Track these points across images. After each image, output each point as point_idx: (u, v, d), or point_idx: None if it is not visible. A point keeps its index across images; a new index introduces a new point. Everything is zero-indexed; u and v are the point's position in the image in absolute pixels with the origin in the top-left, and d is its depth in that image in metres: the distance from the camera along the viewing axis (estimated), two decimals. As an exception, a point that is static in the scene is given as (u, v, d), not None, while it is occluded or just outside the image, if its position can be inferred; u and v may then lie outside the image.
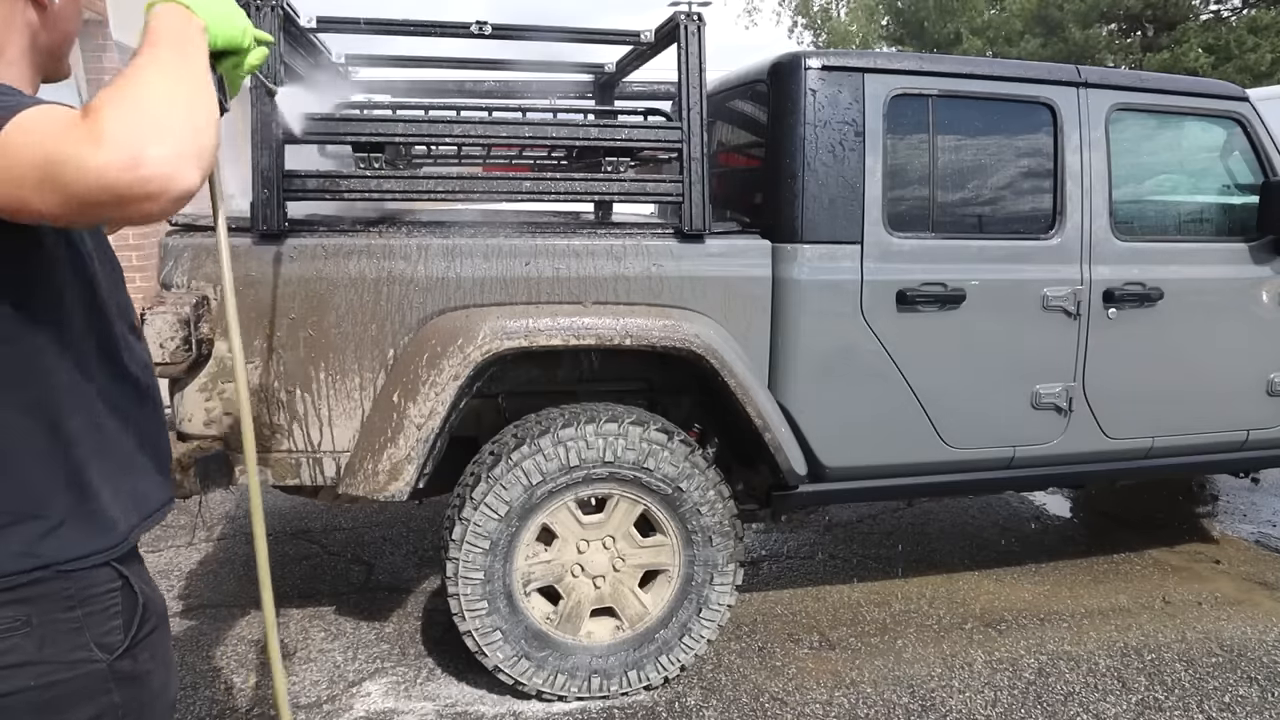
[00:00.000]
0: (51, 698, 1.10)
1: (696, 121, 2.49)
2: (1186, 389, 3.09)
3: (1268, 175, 3.12)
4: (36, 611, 1.08)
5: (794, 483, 2.74)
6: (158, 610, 1.23)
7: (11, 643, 1.06)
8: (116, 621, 1.14)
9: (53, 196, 0.88)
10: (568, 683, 2.58)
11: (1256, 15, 16.52)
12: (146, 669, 1.19)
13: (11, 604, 1.06)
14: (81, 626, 1.11)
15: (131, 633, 1.16)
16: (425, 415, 2.34)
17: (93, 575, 1.12)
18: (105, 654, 1.13)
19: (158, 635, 1.22)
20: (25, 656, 1.07)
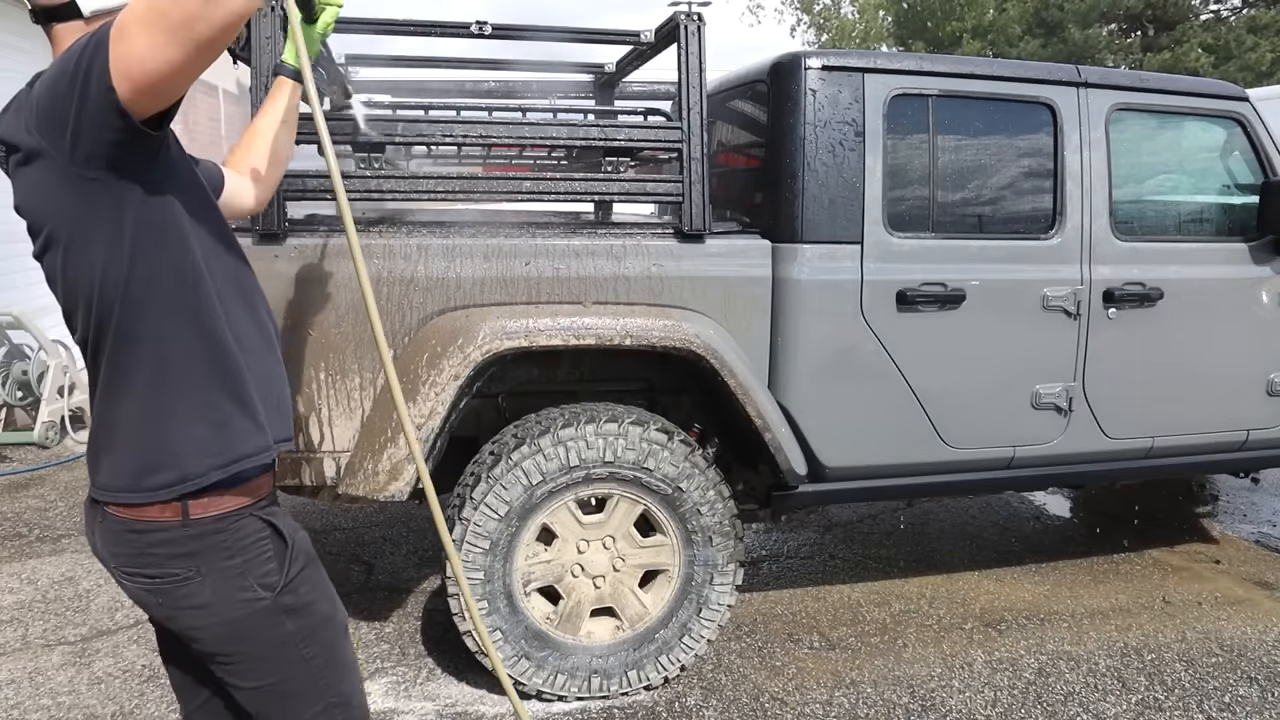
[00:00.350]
0: (232, 632, 1.34)
1: (696, 121, 2.49)
2: (1186, 389, 3.09)
3: (1268, 175, 3.12)
4: (203, 562, 1.30)
5: (794, 483, 2.74)
6: (305, 549, 1.44)
7: (190, 589, 1.30)
8: (271, 565, 1.36)
9: (173, 39, 1.07)
10: (568, 683, 2.58)
11: (1256, 15, 16.53)
12: (309, 599, 1.41)
13: (182, 557, 1.29)
14: (243, 571, 1.33)
15: (286, 570, 1.37)
16: (425, 415, 2.33)
17: (243, 526, 1.33)
18: (268, 591, 1.35)
19: (311, 570, 1.44)
20: (204, 599, 1.31)
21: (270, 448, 1.36)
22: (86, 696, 2.63)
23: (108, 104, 1.09)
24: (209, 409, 1.29)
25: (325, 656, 1.43)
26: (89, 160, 1.15)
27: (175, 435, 1.27)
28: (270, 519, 1.37)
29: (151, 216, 1.22)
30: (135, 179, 1.19)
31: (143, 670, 2.77)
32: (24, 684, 2.69)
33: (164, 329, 1.25)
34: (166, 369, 1.26)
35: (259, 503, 1.37)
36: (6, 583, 3.38)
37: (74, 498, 4.34)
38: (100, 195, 1.18)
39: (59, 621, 3.08)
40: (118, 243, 1.20)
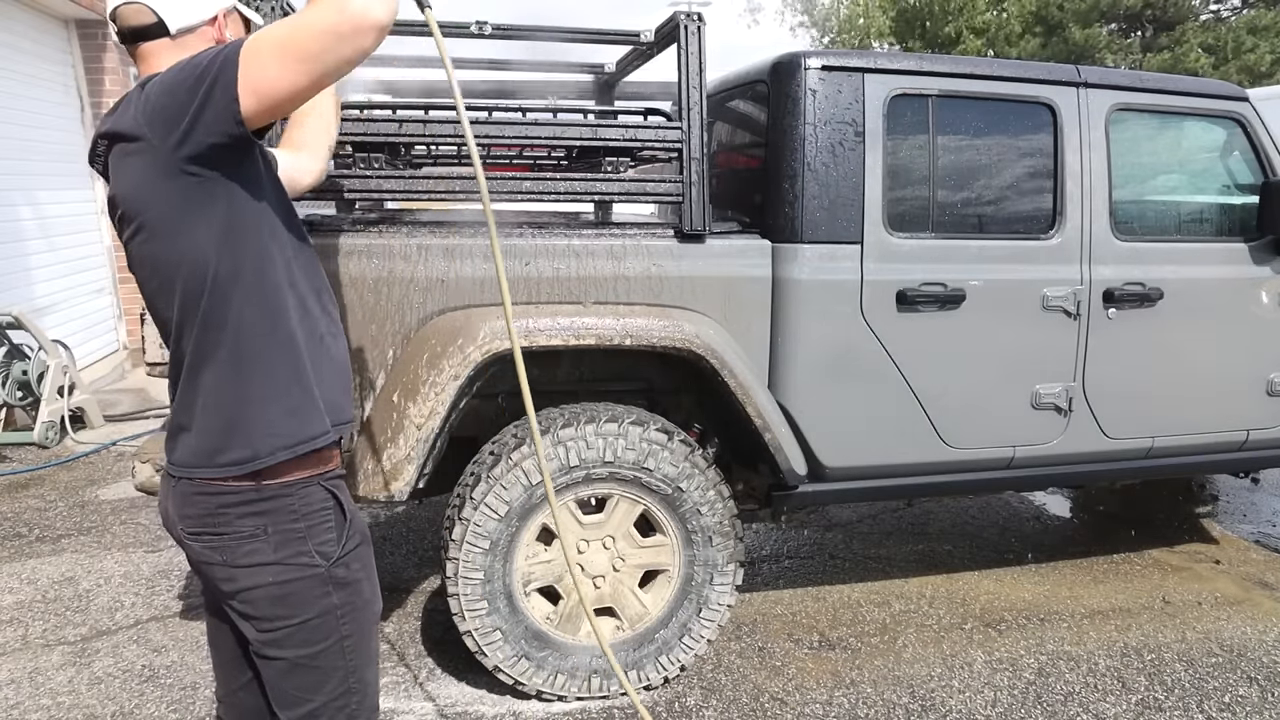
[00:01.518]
0: (284, 594, 1.41)
1: (696, 121, 2.49)
2: (1186, 389, 3.09)
3: (1268, 175, 3.12)
4: (271, 521, 1.39)
5: (794, 483, 2.74)
6: (361, 529, 1.51)
7: (255, 545, 1.39)
8: (330, 535, 1.44)
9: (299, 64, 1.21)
10: (568, 683, 2.58)
11: (1256, 15, 16.53)
12: (357, 577, 1.48)
13: (252, 515, 1.38)
14: (305, 535, 1.41)
15: (343, 543, 1.45)
16: (425, 415, 2.33)
17: (311, 493, 1.42)
18: (324, 560, 1.43)
19: (363, 550, 1.51)
20: (266, 558, 1.39)
21: (329, 430, 1.45)
22: (86, 696, 2.63)
23: (229, 113, 1.23)
24: (281, 394, 1.39)
25: (358, 639, 1.49)
26: (192, 158, 1.27)
27: (250, 417, 1.37)
28: (335, 491, 1.47)
29: (241, 213, 1.34)
30: (231, 178, 1.32)
31: (143, 670, 2.77)
32: (24, 684, 2.69)
33: (244, 318, 1.36)
34: (244, 355, 1.37)
35: (326, 473, 1.46)
36: (6, 583, 3.39)
37: (74, 498, 4.34)
38: (197, 190, 1.30)
39: (59, 621, 3.08)
40: (209, 235, 1.32)
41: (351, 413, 1.55)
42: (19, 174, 5.78)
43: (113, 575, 3.44)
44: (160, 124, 1.26)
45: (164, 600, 3.24)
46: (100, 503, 4.27)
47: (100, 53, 6.61)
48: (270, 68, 1.20)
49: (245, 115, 1.23)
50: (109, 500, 4.30)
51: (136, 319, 1.86)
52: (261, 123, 1.28)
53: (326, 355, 1.48)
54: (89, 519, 4.06)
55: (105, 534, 3.86)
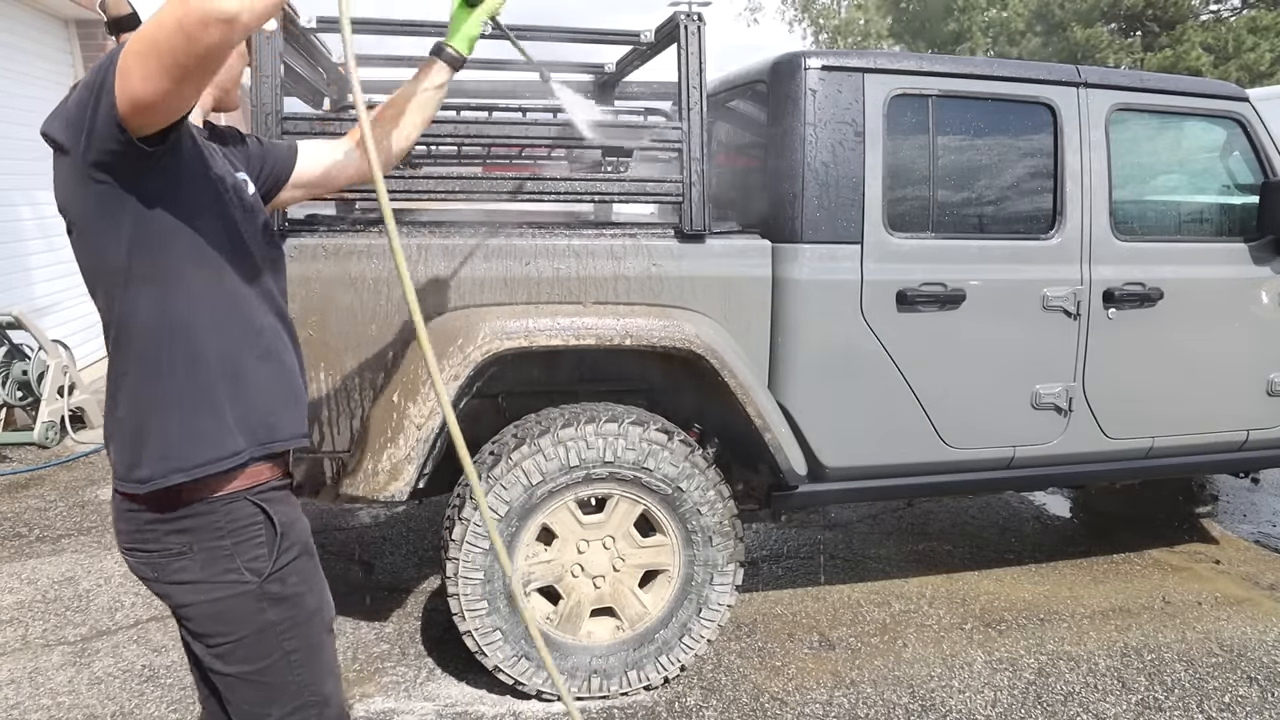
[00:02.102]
0: (219, 611, 1.37)
1: (696, 121, 2.49)
2: (1186, 389, 3.09)
3: (1268, 175, 3.12)
4: (196, 539, 1.35)
5: (794, 483, 2.74)
6: (299, 539, 1.45)
7: (182, 564, 1.35)
8: (262, 550, 1.38)
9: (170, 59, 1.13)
10: (568, 683, 2.57)
11: (1256, 15, 16.53)
12: (297, 591, 1.43)
13: (175, 533, 1.34)
14: (233, 553, 1.36)
15: (275, 558, 1.39)
16: (425, 415, 2.33)
17: (236, 509, 1.36)
18: (255, 576, 1.37)
19: (303, 562, 1.45)
20: (194, 576, 1.35)
21: (240, 452, 1.36)
22: (86, 696, 2.63)
23: (111, 119, 1.18)
24: (184, 413, 1.33)
25: (305, 653, 1.44)
26: (96, 165, 1.23)
27: (149, 434, 1.32)
28: (264, 505, 1.39)
29: (150, 224, 1.28)
30: (135, 188, 1.26)
31: (143, 670, 2.77)
32: (24, 684, 2.69)
33: (150, 330, 1.31)
34: (147, 369, 1.32)
35: (256, 488, 1.39)
36: (6, 583, 3.39)
37: (74, 498, 4.34)
38: (105, 197, 1.25)
39: (59, 621, 3.08)
40: (117, 244, 1.28)
41: (294, 429, 1.46)
42: (19, 174, 5.79)
43: (113, 575, 3.44)
44: (72, 130, 1.23)
45: (164, 600, 3.24)
46: (100, 503, 4.27)
47: (100, 52, 6.61)
48: (135, 72, 1.15)
49: (125, 120, 1.18)
50: (109, 500, 4.29)
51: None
52: (151, 129, 1.21)
53: (258, 373, 1.40)
54: (89, 519, 4.06)
55: (105, 534, 3.86)
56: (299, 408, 1.49)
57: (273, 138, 2.29)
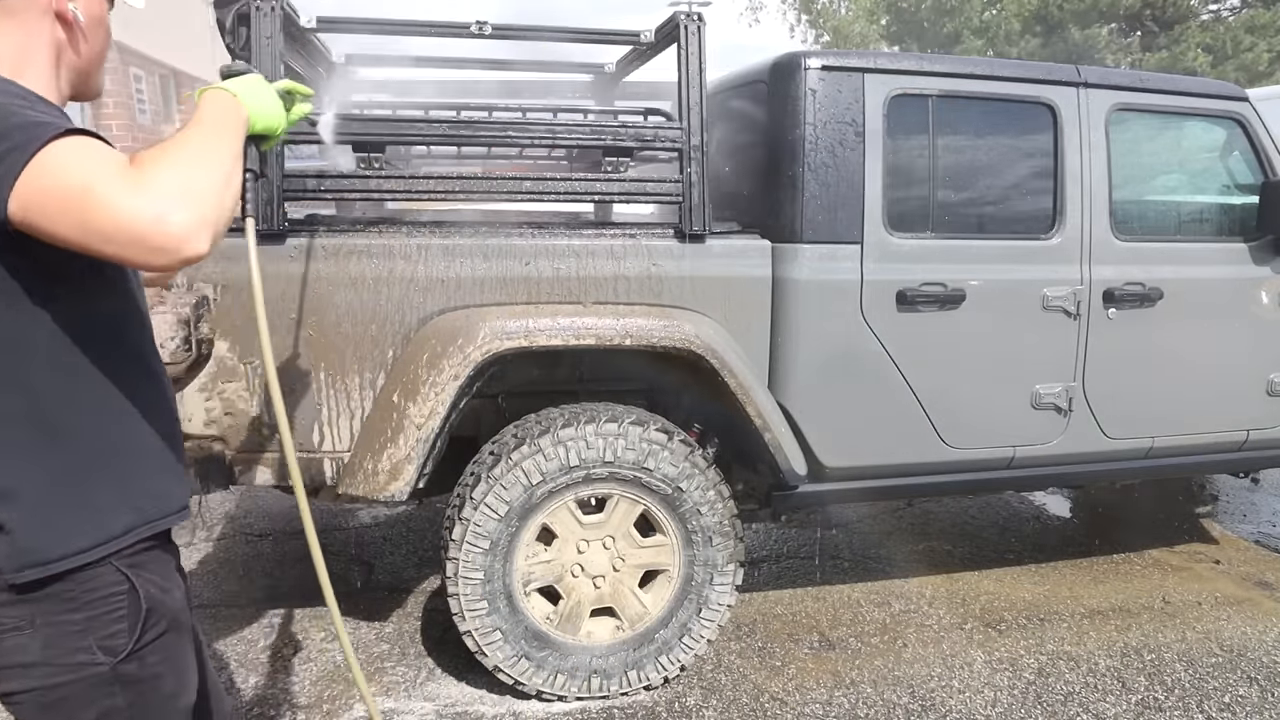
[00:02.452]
0: (57, 699, 1.12)
1: (696, 121, 2.49)
2: (1186, 389, 3.09)
3: (1267, 175, 3.12)
4: (40, 612, 1.10)
5: (794, 483, 2.74)
6: (169, 613, 1.21)
7: (17, 642, 1.09)
8: (121, 625, 1.15)
9: (72, 220, 0.96)
10: (568, 683, 2.57)
11: (1254, 15, 16.54)
12: (155, 672, 1.19)
13: (16, 604, 1.09)
14: (85, 630, 1.12)
15: (136, 636, 1.16)
16: (425, 415, 2.33)
17: (96, 577, 1.13)
18: (109, 656, 1.14)
19: (169, 638, 1.21)
20: (31, 657, 1.10)
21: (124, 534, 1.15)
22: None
23: None
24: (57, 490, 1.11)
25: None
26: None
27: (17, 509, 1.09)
28: (130, 573, 1.15)
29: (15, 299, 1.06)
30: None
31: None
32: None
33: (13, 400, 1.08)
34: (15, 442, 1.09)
35: (122, 551, 1.15)
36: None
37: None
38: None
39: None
40: None
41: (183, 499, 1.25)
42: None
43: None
44: None
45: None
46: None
47: (100, 53, 6.59)
48: (49, 200, 0.95)
49: (11, 217, 0.97)
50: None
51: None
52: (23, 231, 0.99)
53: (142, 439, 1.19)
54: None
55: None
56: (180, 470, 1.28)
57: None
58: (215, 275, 2.27)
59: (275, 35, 2.26)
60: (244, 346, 2.34)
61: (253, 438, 2.40)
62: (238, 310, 2.31)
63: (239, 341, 2.33)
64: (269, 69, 2.25)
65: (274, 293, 2.32)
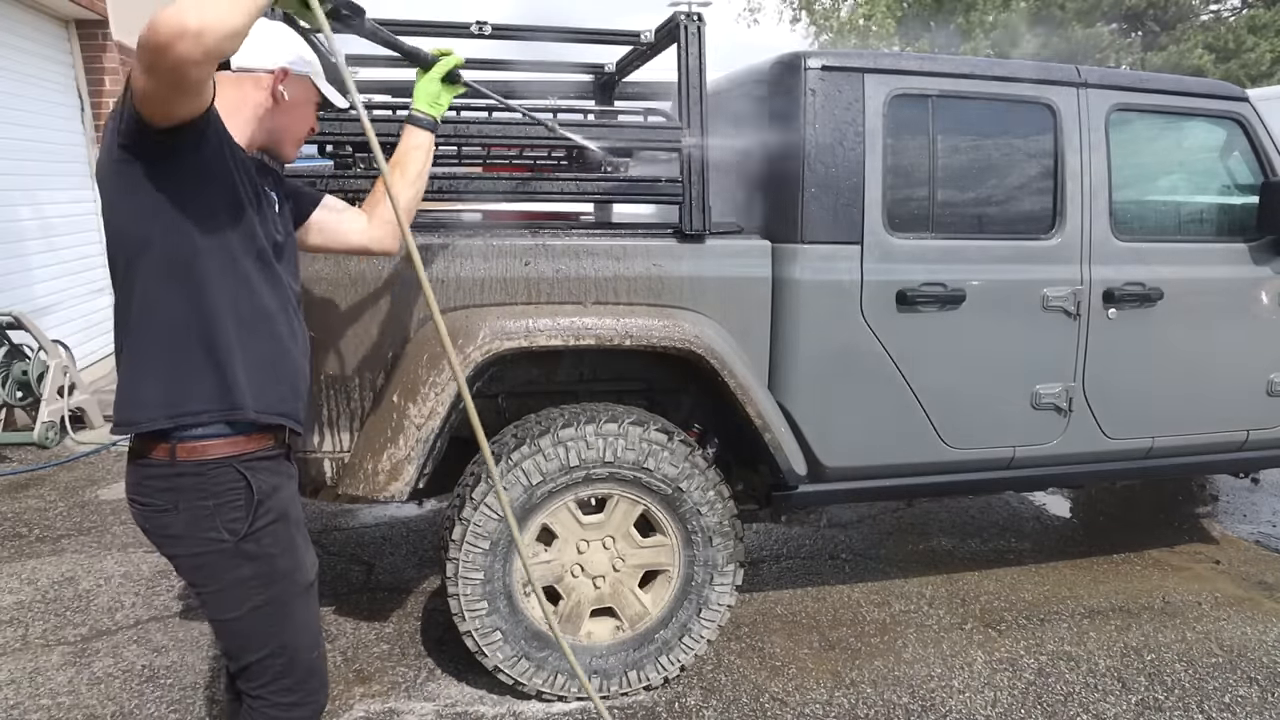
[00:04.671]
0: (200, 564, 1.53)
1: (696, 121, 2.49)
2: (1186, 389, 3.09)
3: (1268, 175, 3.12)
4: (182, 498, 1.49)
5: (794, 483, 2.74)
6: (280, 508, 1.58)
7: (168, 519, 1.50)
8: (239, 514, 1.51)
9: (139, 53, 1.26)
10: (568, 683, 2.58)
11: (1256, 15, 16.54)
12: (270, 552, 1.56)
13: (164, 491, 1.49)
14: (213, 513, 1.50)
15: (251, 522, 1.52)
16: (425, 415, 2.34)
17: (221, 475, 1.50)
18: (231, 536, 1.51)
19: (280, 526, 1.57)
20: (177, 531, 1.51)
21: (232, 410, 1.50)
22: (86, 696, 2.63)
23: (131, 108, 1.35)
24: (171, 366, 1.47)
25: (274, 607, 1.58)
26: (122, 145, 1.40)
27: (140, 382, 1.48)
28: (247, 472, 1.52)
29: (168, 203, 1.42)
30: (153, 169, 1.41)
31: (143, 670, 2.77)
32: (24, 684, 2.69)
33: (149, 290, 1.46)
34: (145, 324, 1.47)
35: (243, 456, 1.52)
36: (6, 583, 3.39)
37: (74, 498, 4.34)
38: (125, 173, 1.42)
39: (59, 621, 3.08)
40: (136, 216, 1.44)
41: (284, 408, 1.59)
42: (19, 174, 5.78)
43: (113, 575, 3.44)
44: (113, 113, 1.41)
45: (164, 600, 3.24)
46: (100, 503, 4.27)
47: (100, 53, 6.60)
48: (137, 78, 1.29)
49: (142, 111, 1.33)
50: (109, 500, 4.30)
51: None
52: (164, 122, 1.35)
53: (259, 346, 1.54)
54: (89, 519, 4.06)
55: (105, 534, 3.86)
56: (294, 396, 1.62)
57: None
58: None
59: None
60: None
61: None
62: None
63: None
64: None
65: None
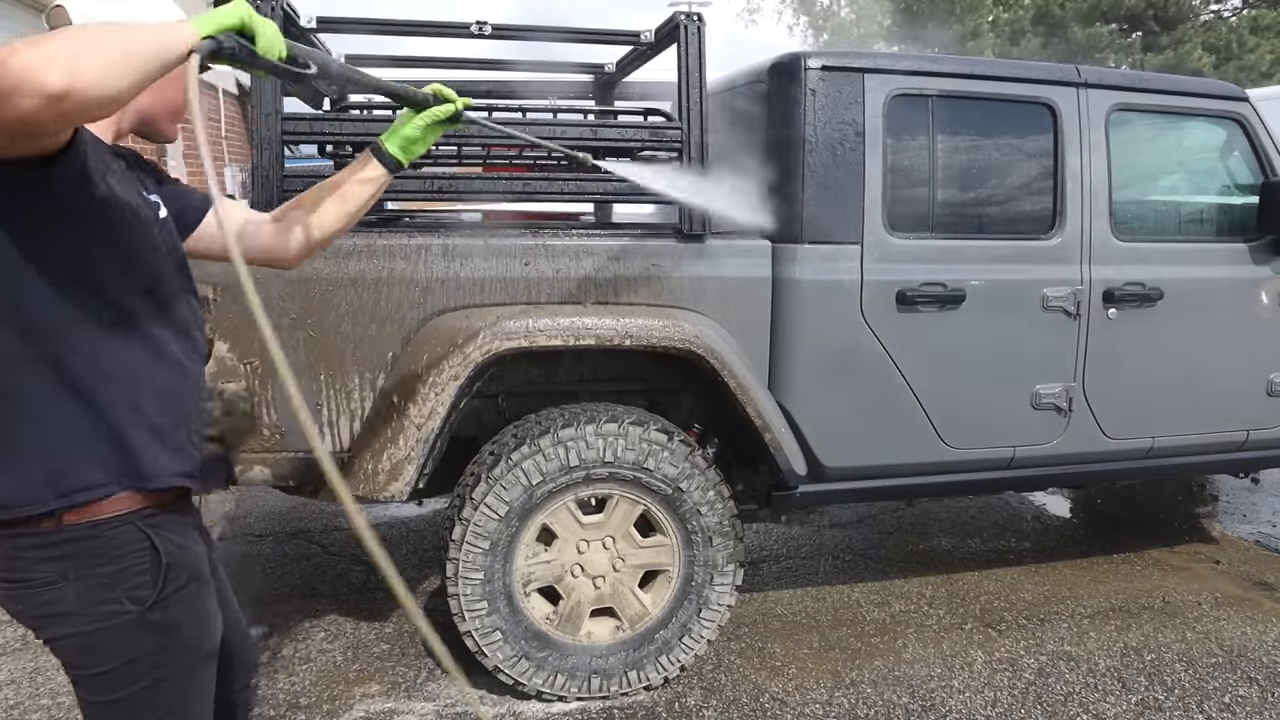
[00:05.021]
0: (92, 643, 1.28)
1: (696, 121, 2.49)
2: (1186, 389, 3.09)
3: (1268, 175, 3.12)
4: (73, 567, 1.24)
5: (794, 483, 2.74)
6: (189, 567, 1.35)
7: (53, 594, 1.24)
8: (145, 577, 1.29)
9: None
10: (568, 683, 2.58)
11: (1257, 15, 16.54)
12: (178, 620, 1.34)
13: (47, 562, 1.23)
14: (112, 581, 1.26)
15: (159, 587, 1.30)
16: (425, 415, 2.34)
17: (120, 535, 1.26)
18: (136, 605, 1.28)
19: (191, 590, 1.36)
20: (67, 607, 1.25)
21: (133, 480, 1.26)
22: (87, 696, 2.63)
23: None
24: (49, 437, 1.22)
25: (174, 681, 1.35)
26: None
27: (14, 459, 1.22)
28: (151, 531, 1.29)
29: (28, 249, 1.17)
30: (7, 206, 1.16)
31: (143, 670, 2.77)
32: (24, 684, 2.69)
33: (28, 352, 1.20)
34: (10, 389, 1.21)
35: (144, 511, 1.28)
36: (7, 583, 3.38)
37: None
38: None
39: (59, 621, 3.07)
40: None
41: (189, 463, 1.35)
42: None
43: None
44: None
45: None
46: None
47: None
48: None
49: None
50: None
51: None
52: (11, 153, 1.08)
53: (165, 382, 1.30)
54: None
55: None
56: (195, 438, 1.39)
57: (274, 138, 2.28)
58: (214, 276, 2.28)
59: (275, 35, 2.25)
60: (244, 347, 2.34)
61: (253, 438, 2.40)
62: (237, 311, 2.31)
63: (239, 342, 2.33)
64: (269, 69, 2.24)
65: (274, 293, 2.32)
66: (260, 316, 1.18)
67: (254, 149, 2.29)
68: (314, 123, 2.42)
